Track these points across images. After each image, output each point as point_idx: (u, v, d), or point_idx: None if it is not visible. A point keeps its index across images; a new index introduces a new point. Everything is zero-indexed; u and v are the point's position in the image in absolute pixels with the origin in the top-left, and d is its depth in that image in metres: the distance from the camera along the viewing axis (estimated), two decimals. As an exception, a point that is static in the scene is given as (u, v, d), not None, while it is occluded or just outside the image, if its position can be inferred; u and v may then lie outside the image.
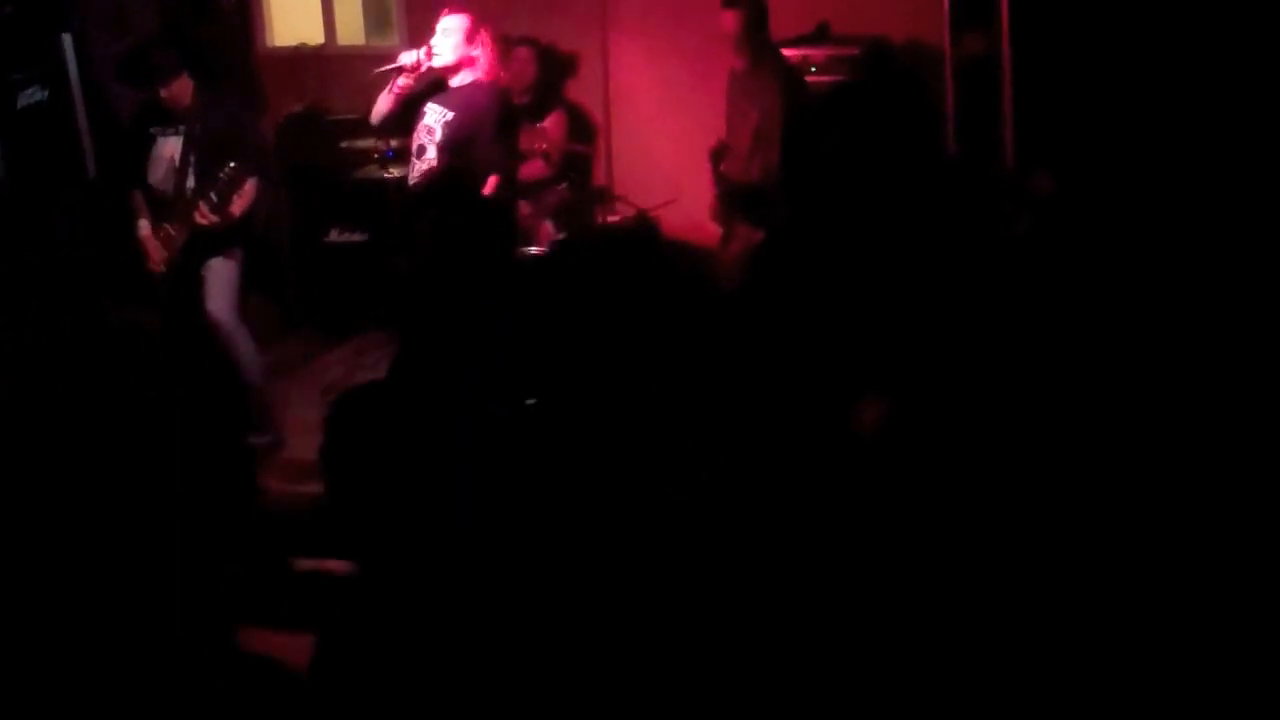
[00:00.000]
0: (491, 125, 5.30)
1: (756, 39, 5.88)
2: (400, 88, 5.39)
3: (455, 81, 5.38)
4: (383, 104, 5.47)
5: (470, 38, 5.34)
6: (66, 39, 6.14)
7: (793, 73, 5.99)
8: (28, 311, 5.60)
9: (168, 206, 5.45)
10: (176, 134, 5.44)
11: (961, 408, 3.46)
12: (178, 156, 5.41)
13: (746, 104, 5.89)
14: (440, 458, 3.26)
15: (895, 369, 3.49)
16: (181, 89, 5.43)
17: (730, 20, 5.84)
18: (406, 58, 5.37)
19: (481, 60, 5.37)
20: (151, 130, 5.51)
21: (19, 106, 6.01)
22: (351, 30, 7.72)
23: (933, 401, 3.45)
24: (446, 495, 3.22)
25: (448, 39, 5.33)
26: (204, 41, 6.82)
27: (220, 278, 5.46)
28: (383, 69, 5.46)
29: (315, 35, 7.55)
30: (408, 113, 5.47)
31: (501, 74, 5.52)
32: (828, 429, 3.33)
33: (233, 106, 5.63)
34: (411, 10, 7.14)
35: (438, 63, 5.33)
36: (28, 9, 6.02)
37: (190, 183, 5.39)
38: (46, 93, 6.12)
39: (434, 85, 5.46)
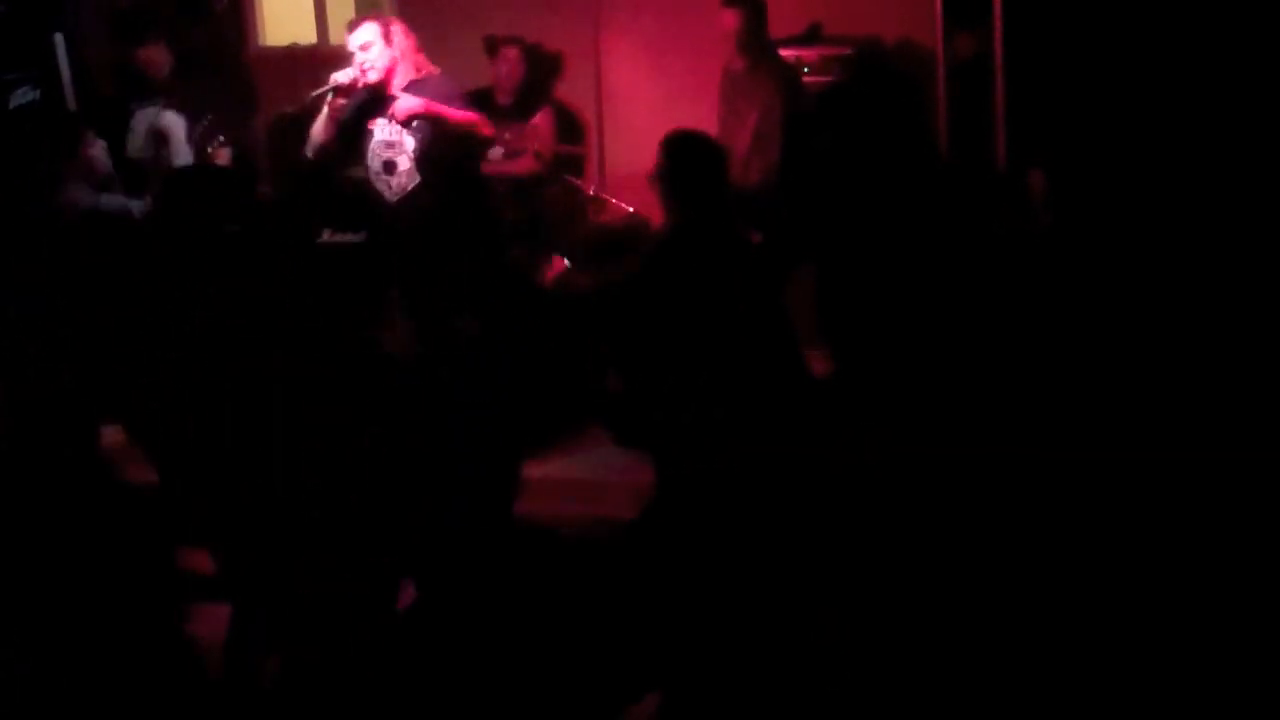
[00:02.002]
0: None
1: (757, 39, 5.86)
2: (337, 109, 5.21)
3: (396, 88, 5.25)
4: (321, 133, 5.23)
5: (389, 39, 5.22)
6: (59, 40, 6.13)
7: (791, 73, 5.97)
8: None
9: (144, 177, 5.59)
10: (154, 105, 5.61)
11: (953, 403, 3.48)
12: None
13: (744, 104, 5.86)
14: (437, 457, 3.26)
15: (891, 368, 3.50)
16: (159, 56, 5.58)
17: (731, 19, 5.81)
18: (341, 76, 5.19)
19: (406, 58, 5.25)
20: (130, 105, 5.65)
21: (11, 107, 6.00)
22: (344, 30, 7.69)
23: (926, 392, 3.46)
24: (444, 495, 3.23)
25: (370, 52, 5.20)
26: (197, 41, 6.83)
27: None
28: (318, 92, 5.24)
29: (307, 35, 7.53)
30: (346, 139, 5.32)
31: (428, 65, 5.35)
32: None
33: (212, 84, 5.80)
34: (404, 9, 7.13)
35: (373, 77, 5.19)
36: (20, 9, 6.02)
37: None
38: (39, 93, 6.11)
39: (369, 103, 5.31)
